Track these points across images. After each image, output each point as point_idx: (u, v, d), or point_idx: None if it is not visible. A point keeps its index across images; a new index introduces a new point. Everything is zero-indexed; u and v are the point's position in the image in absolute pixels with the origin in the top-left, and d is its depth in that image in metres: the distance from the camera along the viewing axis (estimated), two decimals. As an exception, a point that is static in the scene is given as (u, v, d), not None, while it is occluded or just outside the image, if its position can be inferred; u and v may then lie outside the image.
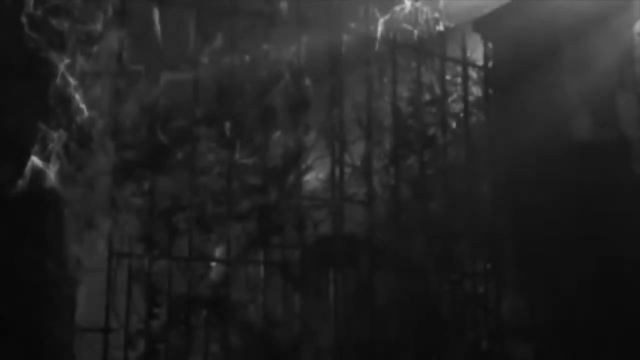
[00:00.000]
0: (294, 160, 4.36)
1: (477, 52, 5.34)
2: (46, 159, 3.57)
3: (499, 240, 5.08)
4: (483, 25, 5.27)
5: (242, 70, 4.28)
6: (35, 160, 3.53)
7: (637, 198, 4.66)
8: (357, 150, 4.64)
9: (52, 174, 3.57)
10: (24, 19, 3.58)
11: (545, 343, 4.80)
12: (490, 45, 5.28)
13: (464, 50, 5.20)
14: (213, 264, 4.18)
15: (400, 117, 4.82)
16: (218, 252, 4.20)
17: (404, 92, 4.90)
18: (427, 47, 4.97)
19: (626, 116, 4.79)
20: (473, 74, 5.30)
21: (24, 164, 3.50)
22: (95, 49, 3.83)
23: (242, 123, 4.26)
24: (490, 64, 5.32)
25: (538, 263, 4.91)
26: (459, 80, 5.23)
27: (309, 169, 4.43)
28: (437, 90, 5.03)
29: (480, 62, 5.34)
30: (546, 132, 4.85)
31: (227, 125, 4.21)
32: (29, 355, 3.44)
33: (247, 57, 4.31)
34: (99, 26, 3.83)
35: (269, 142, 4.32)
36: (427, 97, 5.00)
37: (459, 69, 5.23)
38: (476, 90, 5.33)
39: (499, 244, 5.08)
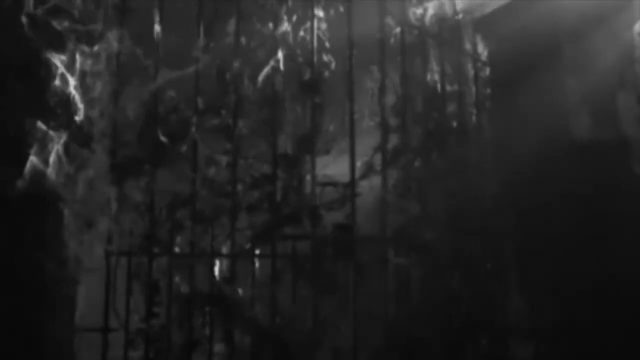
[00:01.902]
0: (307, 145, 4.25)
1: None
2: (46, 159, 3.57)
3: (502, 239, 5.06)
4: (483, 25, 5.27)
5: (246, 54, 4.23)
6: (35, 160, 3.53)
7: (637, 198, 4.65)
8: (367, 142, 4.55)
9: (52, 174, 3.57)
10: (24, 19, 3.58)
11: (546, 342, 4.79)
12: (490, 45, 5.28)
13: (474, 45, 5.18)
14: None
15: (430, 107, 4.76)
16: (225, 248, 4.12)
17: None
18: (448, 40, 4.93)
19: (626, 116, 4.78)
20: (472, 72, 5.28)
21: (24, 164, 3.50)
22: (95, 48, 3.83)
23: (246, 109, 4.19)
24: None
25: (538, 263, 4.91)
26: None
27: (327, 151, 4.29)
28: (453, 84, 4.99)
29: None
30: (546, 132, 4.85)
31: (231, 113, 4.16)
32: (29, 355, 3.44)
33: (253, 40, 4.24)
34: (99, 26, 3.83)
35: (277, 127, 4.22)
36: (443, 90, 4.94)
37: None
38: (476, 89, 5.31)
39: (500, 243, 5.06)
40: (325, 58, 4.37)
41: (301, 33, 4.39)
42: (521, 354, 4.88)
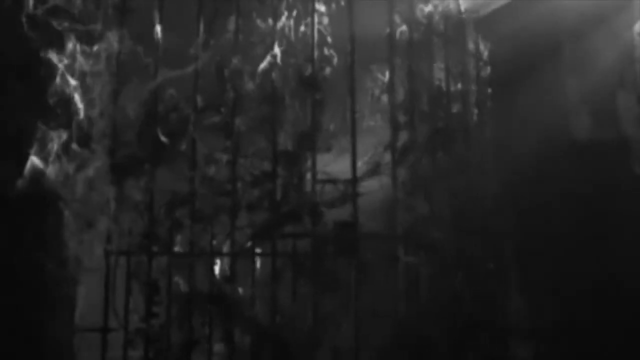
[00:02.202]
0: (308, 141, 4.21)
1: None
2: (46, 159, 3.57)
3: (502, 239, 5.05)
4: (483, 25, 5.26)
5: (246, 51, 4.22)
6: (35, 160, 3.53)
7: (637, 198, 4.65)
8: (368, 141, 4.53)
9: (52, 174, 3.57)
10: (24, 19, 3.58)
11: (547, 342, 4.79)
12: (490, 45, 5.27)
13: (477, 44, 5.18)
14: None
15: (436, 105, 4.74)
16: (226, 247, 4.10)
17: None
18: (453, 38, 4.93)
19: (626, 116, 4.78)
20: (473, 71, 5.27)
21: (24, 164, 3.51)
22: (95, 48, 3.83)
23: (246, 106, 4.18)
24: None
25: (539, 263, 4.91)
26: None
27: (327, 149, 4.26)
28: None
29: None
30: (546, 132, 4.85)
31: (230, 110, 4.14)
32: (29, 355, 3.44)
33: (252, 36, 4.23)
34: (98, 26, 3.83)
35: (277, 123, 4.19)
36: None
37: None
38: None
39: (501, 243, 5.05)
40: (326, 52, 4.35)
41: (302, 28, 4.38)
42: (521, 354, 4.88)
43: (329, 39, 4.36)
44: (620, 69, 4.82)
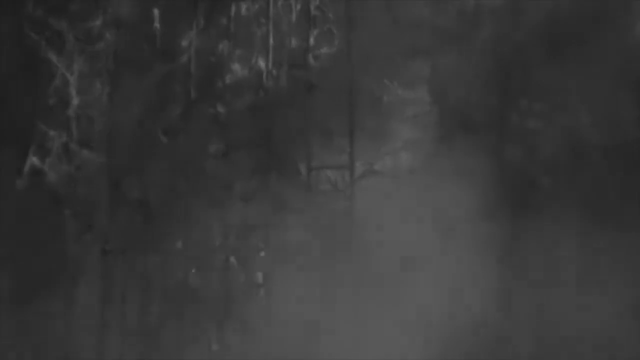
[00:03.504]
0: (302, 131, 4.23)
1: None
2: (46, 158, 3.58)
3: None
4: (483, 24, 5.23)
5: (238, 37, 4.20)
6: (34, 160, 3.55)
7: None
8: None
9: (52, 174, 3.58)
10: (23, 19, 3.59)
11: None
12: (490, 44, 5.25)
13: (484, 42, 5.14)
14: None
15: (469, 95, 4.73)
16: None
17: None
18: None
19: (626, 116, 4.77)
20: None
21: (24, 164, 3.52)
22: (94, 47, 3.84)
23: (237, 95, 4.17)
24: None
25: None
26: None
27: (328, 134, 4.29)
28: None
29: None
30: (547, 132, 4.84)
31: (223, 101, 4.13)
32: (29, 354, 3.46)
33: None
34: (97, 25, 3.83)
35: (271, 113, 4.21)
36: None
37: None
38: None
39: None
40: (324, 29, 4.33)
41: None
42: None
43: (331, 15, 4.34)
44: (621, 69, 4.81)
